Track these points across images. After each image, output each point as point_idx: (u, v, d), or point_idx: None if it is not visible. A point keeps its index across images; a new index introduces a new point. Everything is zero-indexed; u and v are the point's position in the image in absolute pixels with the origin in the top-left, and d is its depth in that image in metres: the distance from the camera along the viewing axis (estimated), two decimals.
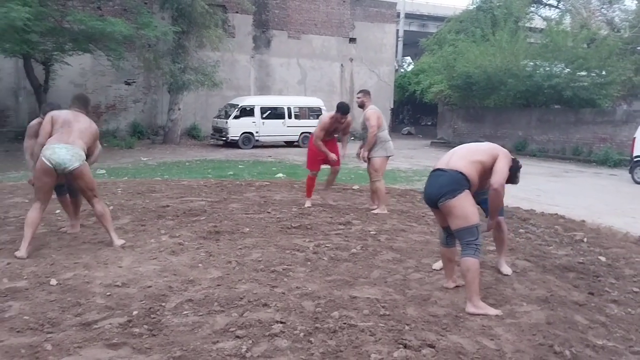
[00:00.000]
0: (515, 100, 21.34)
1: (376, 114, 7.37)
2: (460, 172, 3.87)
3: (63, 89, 19.37)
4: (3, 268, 4.39)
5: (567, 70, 19.26)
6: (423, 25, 35.74)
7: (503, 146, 4.20)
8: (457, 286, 4.25)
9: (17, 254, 4.74)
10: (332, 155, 7.45)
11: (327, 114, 7.66)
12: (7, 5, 12.25)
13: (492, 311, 3.75)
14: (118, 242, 5.22)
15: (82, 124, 5.22)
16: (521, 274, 4.74)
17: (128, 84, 21.59)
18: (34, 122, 5.74)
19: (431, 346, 3.15)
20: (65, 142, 4.99)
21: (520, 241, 6.05)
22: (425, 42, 29.06)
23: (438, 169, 4.01)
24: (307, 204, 7.55)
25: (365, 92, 7.70)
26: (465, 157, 3.99)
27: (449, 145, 23.54)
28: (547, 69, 19.60)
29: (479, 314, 3.70)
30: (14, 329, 3.27)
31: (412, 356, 3.01)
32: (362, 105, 7.59)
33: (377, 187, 7.33)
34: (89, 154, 5.25)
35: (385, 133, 7.45)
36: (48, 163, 4.87)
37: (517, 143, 20.37)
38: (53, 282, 4.08)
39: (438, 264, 4.76)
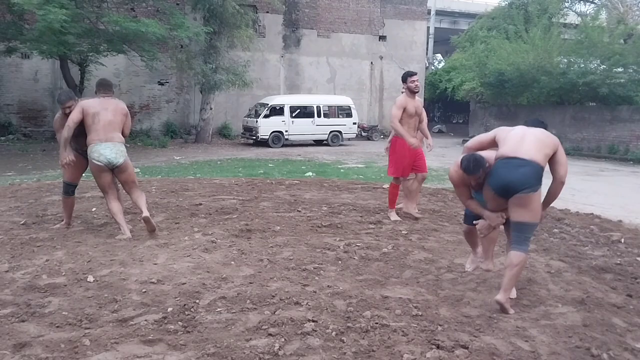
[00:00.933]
0: (548, 98, 20.95)
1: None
2: (541, 166, 3.81)
3: None
4: (42, 265, 4.52)
5: (603, 66, 18.81)
6: (454, 22, 35.39)
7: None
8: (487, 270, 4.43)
9: (122, 236, 5.42)
10: (413, 141, 6.41)
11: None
12: (45, 8, 12.58)
13: (512, 310, 3.75)
14: (146, 214, 5.50)
15: (110, 112, 5.54)
16: (556, 275, 4.66)
17: (161, 84, 21.95)
18: (57, 116, 5.89)
19: (464, 347, 3.13)
20: (105, 140, 5.45)
21: (554, 241, 5.94)
22: (457, 39, 28.76)
23: (517, 158, 3.82)
24: (393, 216, 6.67)
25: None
26: (539, 149, 3.85)
27: None
28: (582, 65, 19.18)
29: (505, 306, 3.69)
30: (54, 324, 3.37)
31: (445, 357, 2.99)
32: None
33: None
34: (123, 131, 5.72)
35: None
36: (99, 163, 5.45)
37: None
38: (90, 278, 4.18)
39: (471, 266, 4.72)
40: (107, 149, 5.43)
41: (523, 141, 3.91)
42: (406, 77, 6.50)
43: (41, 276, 4.23)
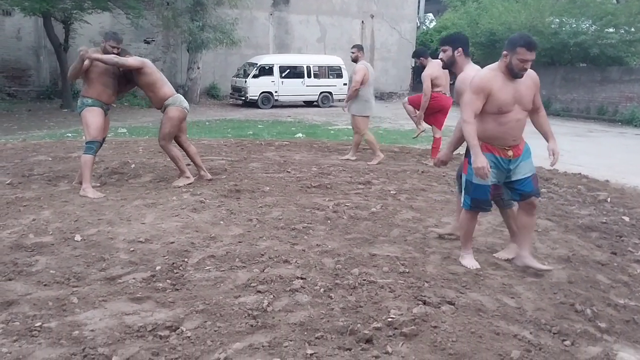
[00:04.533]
0: (539, 59, 20.66)
1: (364, 70, 7.70)
2: None
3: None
4: (29, 224, 4.49)
5: (595, 27, 18.64)
6: None
7: None
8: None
9: (187, 181, 6.02)
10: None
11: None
12: None
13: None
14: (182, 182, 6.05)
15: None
16: (543, 234, 4.71)
17: (147, 42, 21.48)
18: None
19: (451, 303, 3.17)
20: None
21: (542, 201, 5.97)
22: None
23: None
24: (431, 162, 7.44)
25: (359, 47, 7.99)
26: None
27: None
28: (574, 25, 18.99)
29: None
30: (42, 282, 3.36)
31: (432, 312, 3.03)
32: (355, 60, 7.82)
33: (368, 140, 7.88)
34: None
35: (367, 91, 7.75)
36: (187, 110, 6.09)
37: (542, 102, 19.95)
38: (77, 237, 4.17)
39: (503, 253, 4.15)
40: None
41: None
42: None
43: (28, 235, 4.20)
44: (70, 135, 10.71)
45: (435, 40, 27.91)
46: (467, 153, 3.77)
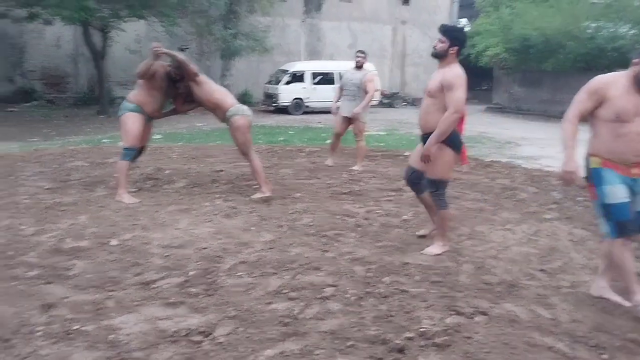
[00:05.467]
0: (574, 64, 20.38)
1: (377, 79, 7.89)
2: None
3: (119, 55, 19.88)
4: (67, 228, 4.60)
5: (634, 31, 18.20)
6: None
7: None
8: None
9: (263, 195, 5.76)
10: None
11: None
12: None
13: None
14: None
15: None
16: (579, 243, 4.60)
17: (182, 50, 21.77)
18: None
19: (484, 313, 3.13)
20: None
21: (578, 209, 5.86)
22: (481, 3, 27.98)
23: None
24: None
25: (365, 53, 8.16)
26: None
27: (504, 110, 22.86)
28: (611, 30, 18.58)
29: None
30: (78, 286, 3.45)
31: (464, 323, 2.99)
32: (361, 66, 7.92)
33: (362, 146, 8.03)
34: None
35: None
36: (250, 118, 5.98)
37: None
38: (113, 242, 4.25)
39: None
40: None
41: None
42: None
43: (66, 240, 4.31)
44: (106, 141, 10.96)
45: (469, 46, 27.63)
46: (591, 177, 3.36)
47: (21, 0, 15.15)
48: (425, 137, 4.09)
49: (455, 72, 4.01)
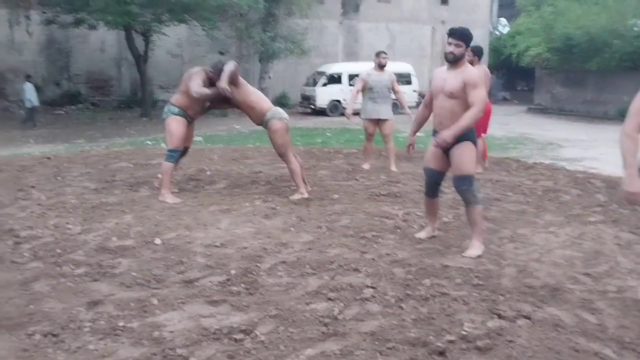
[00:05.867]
0: (620, 63, 19.77)
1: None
2: None
3: (161, 59, 20.33)
4: (112, 227, 4.74)
5: None
6: None
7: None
8: None
9: (300, 196, 5.83)
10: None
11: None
12: None
13: None
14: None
15: None
16: (625, 247, 4.47)
17: (222, 53, 22.14)
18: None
19: (527, 317, 3.07)
20: None
21: (624, 212, 5.68)
22: (523, 2, 27.47)
23: None
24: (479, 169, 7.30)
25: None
26: None
27: (546, 111, 22.36)
28: None
29: None
30: (124, 284, 3.55)
31: (507, 326, 2.95)
32: (384, 66, 7.91)
33: (392, 147, 8.05)
34: None
35: None
36: (287, 121, 6.02)
37: (622, 109, 18.84)
38: (157, 241, 4.36)
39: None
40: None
41: None
42: None
43: (111, 238, 4.43)
44: (149, 142, 11.22)
45: (509, 46, 27.20)
46: None
47: (68, 6, 15.69)
48: None
49: (477, 71, 4.18)
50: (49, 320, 3.01)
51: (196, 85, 5.68)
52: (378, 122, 7.94)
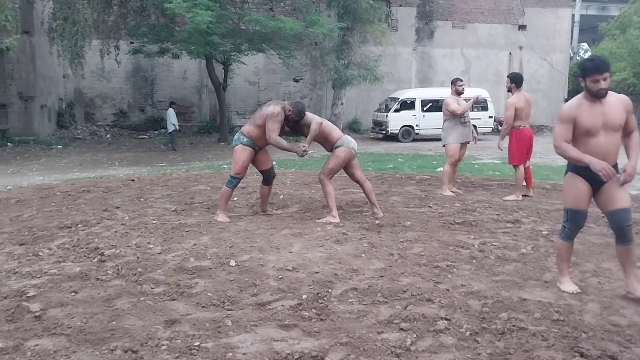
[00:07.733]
0: None
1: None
2: None
3: (239, 87, 21.10)
4: (190, 248, 4.90)
5: None
6: (603, 9, 32.51)
7: None
8: None
9: (333, 220, 5.97)
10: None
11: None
12: (193, 11, 13.61)
13: None
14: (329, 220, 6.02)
15: None
16: None
17: (297, 81, 22.72)
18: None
19: (613, 358, 2.89)
20: None
21: None
22: (606, 26, 26.43)
23: None
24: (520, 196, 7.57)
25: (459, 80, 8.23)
26: None
27: None
28: None
29: None
30: (200, 304, 3.65)
31: None
32: (462, 93, 8.06)
33: (447, 169, 8.07)
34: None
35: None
36: (354, 151, 6.27)
37: None
38: (232, 263, 4.46)
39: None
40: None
41: None
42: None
43: (189, 259, 4.59)
44: (226, 167, 11.58)
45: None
46: None
47: (154, 37, 16.65)
48: None
49: (624, 97, 3.99)
50: (130, 337, 3.13)
51: (275, 133, 5.92)
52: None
